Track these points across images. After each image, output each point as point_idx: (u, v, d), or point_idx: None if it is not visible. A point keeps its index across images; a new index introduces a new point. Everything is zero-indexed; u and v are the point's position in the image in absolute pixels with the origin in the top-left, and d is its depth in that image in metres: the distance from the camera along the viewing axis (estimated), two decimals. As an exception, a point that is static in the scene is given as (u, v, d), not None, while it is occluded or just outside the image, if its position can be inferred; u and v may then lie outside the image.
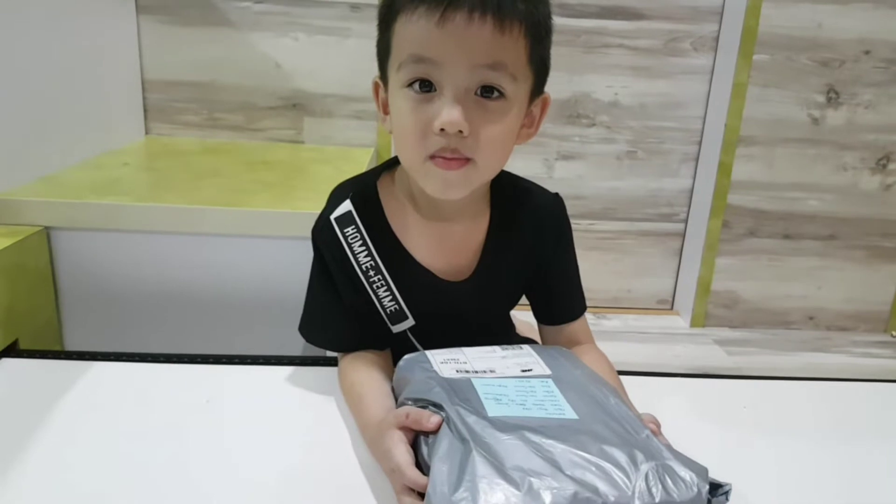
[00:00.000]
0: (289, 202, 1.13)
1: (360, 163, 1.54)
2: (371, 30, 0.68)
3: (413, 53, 0.62)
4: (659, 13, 1.76)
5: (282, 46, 1.67)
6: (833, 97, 1.77)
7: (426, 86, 0.62)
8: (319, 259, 0.74)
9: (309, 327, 0.77)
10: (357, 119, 1.72)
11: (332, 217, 0.71)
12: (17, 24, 1.07)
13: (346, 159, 1.57)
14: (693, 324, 1.92)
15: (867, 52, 1.74)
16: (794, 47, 1.73)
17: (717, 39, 1.79)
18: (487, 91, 0.62)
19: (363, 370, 0.71)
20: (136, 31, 1.62)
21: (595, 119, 1.83)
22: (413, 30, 0.61)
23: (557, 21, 0.68)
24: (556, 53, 0.70)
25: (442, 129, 0.61)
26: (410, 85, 0.63)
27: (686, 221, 1.94)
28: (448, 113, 0.60)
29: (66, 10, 1.24)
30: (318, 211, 0.75)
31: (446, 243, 0.73)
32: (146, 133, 1.70)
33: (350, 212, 0.71)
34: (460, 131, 0.61)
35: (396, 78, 0.64)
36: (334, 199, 0.73)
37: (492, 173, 0.69)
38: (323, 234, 0.72)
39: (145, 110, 1.69)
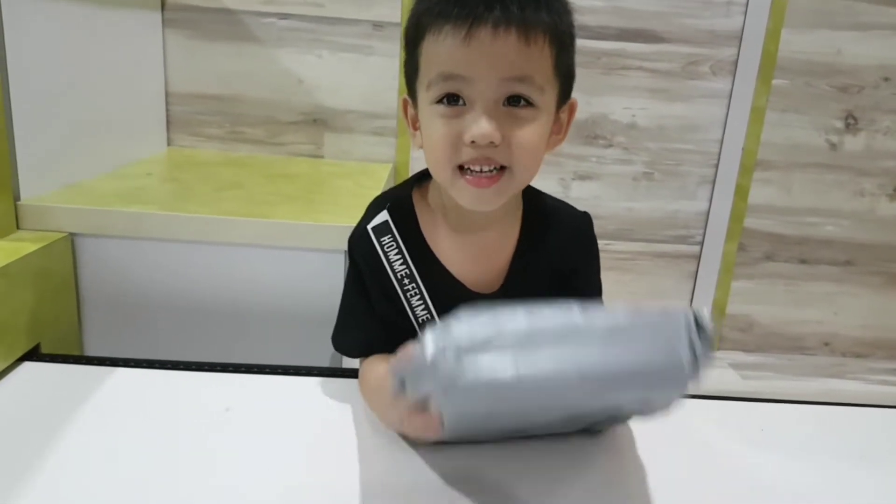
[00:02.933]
0: (310, 214, 1.14)
1: (379, 178, 1.55)
2: (392, 48, 0.70)
3: (442, 71, 0.63)
4: (678, 36, 1.77)
5: (305, 63, 1.69)
6: (851, 123, 1.77)
7: (455, 100, 0.64)
8: (355, 269, 0.76)
9: (341, 336, 0.78)
10: (377, 135, 1.74)
11: (370, 227, 0.73)
12: (47, 36, 1.09)
13: (366, 174, 1.59)
14: (707, 347, 1.91)
15: (886, 79, 1.74)
16: (813, 73, 1.73)
17: (735, 63, 1.79)
18: (515, 100, 0.64)
19: (383, 365, 0.72)
20: (162, 44, 1.65)
21: (612, 140, 1.84)
22: (440, 48, 0.63)
23: (577, 43, 0.69)
24: (576, 73, 0.70)
25: (473, 142, 0.62)
26: (440, 101, 0.64)
27: (702, 244, 1.94)
28: (479, 126, 0.62)
29: (95, 23, 1.27)
30: (339, 223, 0.76)
31: (477, 255, 0.75)
32: (168, 144, 1.72)
33: (387, 221, 0.73)
34: (492, 142, 0.62)
35: (426, 95, 0.66)
36: (371, 211, 0.75)
37: (525, 181, 0.70)
38: (360, 243, 0.74)
39: (168, 122, 1.72)
